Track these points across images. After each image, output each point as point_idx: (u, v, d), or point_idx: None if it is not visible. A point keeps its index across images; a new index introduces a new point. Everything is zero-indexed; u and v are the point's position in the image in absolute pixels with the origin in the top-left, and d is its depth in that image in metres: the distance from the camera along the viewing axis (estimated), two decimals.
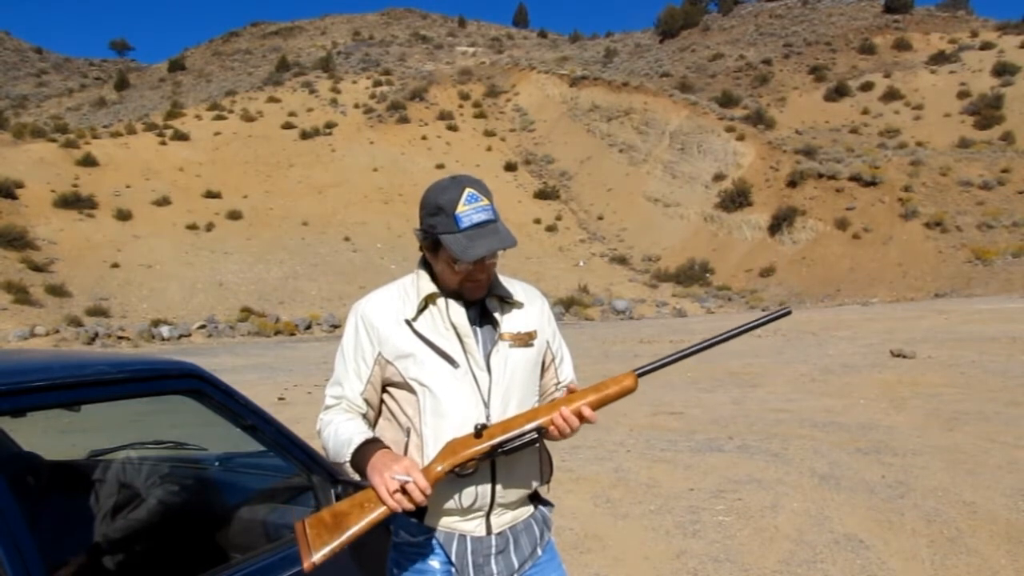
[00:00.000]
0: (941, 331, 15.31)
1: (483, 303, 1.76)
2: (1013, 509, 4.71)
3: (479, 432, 1.61)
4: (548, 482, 1.87)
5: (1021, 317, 17.24)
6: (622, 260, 39.95)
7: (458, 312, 1.72)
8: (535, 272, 34.94)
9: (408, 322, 1.72)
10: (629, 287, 35.07)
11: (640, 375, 1.72)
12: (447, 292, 1.75)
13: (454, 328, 1.70)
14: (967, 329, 15.46)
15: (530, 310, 1.82)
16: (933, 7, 71.13)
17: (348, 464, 1.65)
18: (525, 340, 1.77)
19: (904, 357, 11.68)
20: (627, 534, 4.54)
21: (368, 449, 1.62)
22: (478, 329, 1.75)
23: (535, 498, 1.84)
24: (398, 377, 1.71)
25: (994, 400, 8.28)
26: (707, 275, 37.04)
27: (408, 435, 1.71)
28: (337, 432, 1.69)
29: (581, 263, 38.82)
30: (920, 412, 7.86)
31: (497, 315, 1.76)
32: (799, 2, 76.46)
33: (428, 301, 1.73)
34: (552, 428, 1.64)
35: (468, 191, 1.65)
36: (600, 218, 45.39)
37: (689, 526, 4.61)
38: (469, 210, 1.64)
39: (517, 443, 1.63)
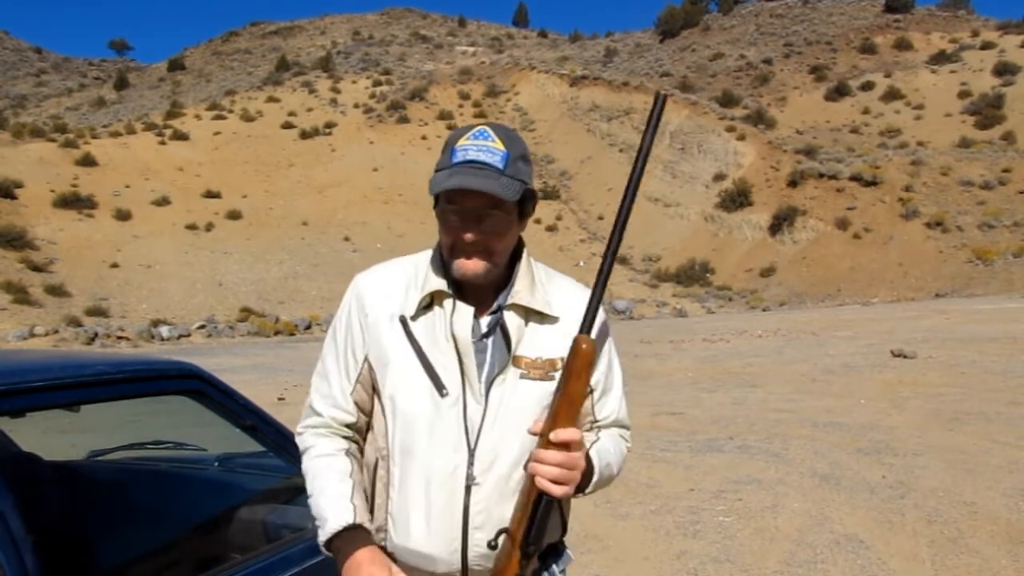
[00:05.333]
0: (942, 331, 15.30)
1: (501, 313, 1.37)
2: (1014, 509, 4.70)
3: (494, 543, 1.29)
4: (563, 535, 1.46)
5: (1022, 317, 17.24)
6: (622, 260, 39.94)
7: (463, 319, 1.35)
8: None
9: (404, 320, 1.37)
10: (629, 287, 35.07)
11: (586, 332, 1.30)
12: (458, 291, 1.39)
13: (455, 341, 1.34)
14: (968, 329, 15.46)
15: (565, 327, 1.37)
16: (934, 7, 71.18)
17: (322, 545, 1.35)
18: (545, 370, 1.35)
19: (905, 357, 11.67)
20: (627, 534, 4.54)
21: (344, 544, 1.31)
22: (488, 345, 1.37)
23: (544, 553, 1.40)
24: (378, 387, 1.40)
25: (995, 400, 8.28)
26: (707, 275, 37.05)
27: (377, 464, 1.40)
28: (314, 483, 1.38)
29: (581, 263, 38.82)
30: (921, 412, 7.86)
31: (515, 330, 1.36)
32: (799, 2, 76.46)
33: (434, 299, 1.38)
34: (542, 483, 1.25)
35: (481, 128, 1.35)
36: (600, 218, 45.39)
37: (689, 526, 4.60)
38: (468, 144, 1.33)
39: (545, 525, 1.28)
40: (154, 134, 49.10)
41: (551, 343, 1.37)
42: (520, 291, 1.38)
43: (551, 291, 1.43)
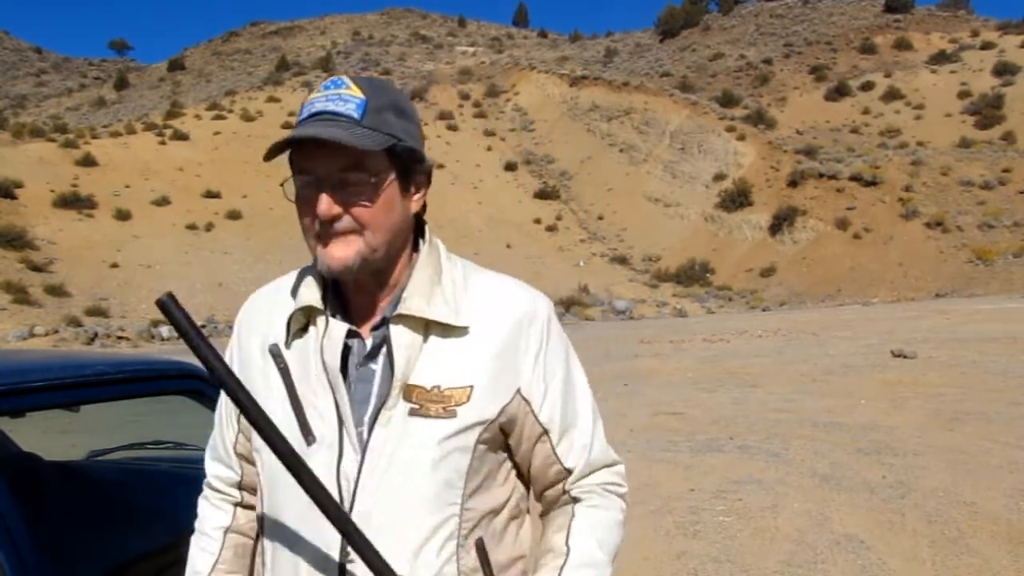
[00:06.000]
0: (942, 331, 15.30)
1: (387, 327, 1.05)
2: (1014, 509, 4.70)
3: None
4: None
5: (1022, 317, 17.23)
6: (622, 260, 39.96)
7: (334, 340, 1.04)
8: (535, 272, 34.92)
9: (274, 350, 1.09)
10: (629, 287, 35.07)
11: None
12: (341, 303, 1.09)
13: (325, 370, 1.04)
14: (968, 329, 15.45)
15: (482, 344, 1.05)
16: (934, 7, 71.28)
17: None
18: (444, 404, 1.02)
19: (905, 357, 11.66)
20: (627, 534, 4.53)
21: None
22: (376, 372, 1.05)
23: None
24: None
25: (995, 400, 8.27)
26: (707, 275, 37.06)
27: (257, 537, 1.17)
28: (190, 562, 1.20)
29: (581, 263, 38.81)
30: (921, 412, 7.85)
31: (404, 350, 1.03)
32: (800, 2, 76.51)
33: (308, 318, 1.08)
34: None
35: (337, 77, 1.06)
36: (600, 218, 45.40)
37: (690, 527, 4.60)
38: (317, 97, 1.03)
39: None
40: (154, 134, 49.11)
41: (456, 366, 1.03)
42: (412, 296, 1.04)
43: (466, 294, 1.08)
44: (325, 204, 1.00)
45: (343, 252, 1.01)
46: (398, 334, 1.03)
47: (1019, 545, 4.16)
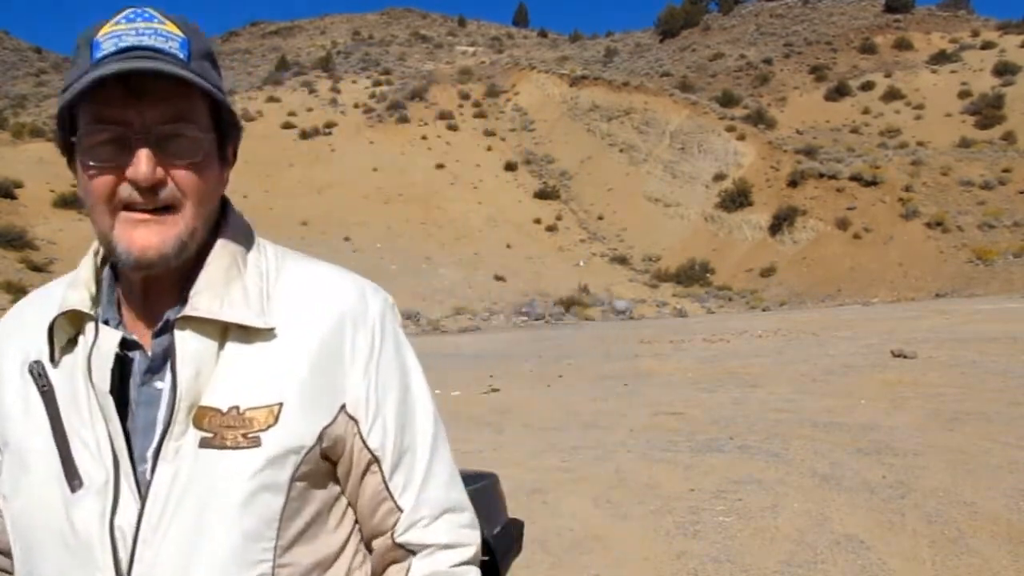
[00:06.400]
0: (942, 331, 15.29)
1: (172, 334, 0.81)
2: (1014, 509, 4.70)
3: None
4: None
5: (1022, 317, 17.23)
6: (622, 260, 39.96)
7: (104, 353, 0.81)
8: (535, 272, 34.93)
9: (36, 370, 0.86)
10: (629, 287, 35.07)
11: None
12: (114, 306, 0.87)
13: (95, 392, 0.81)
14: (968, 329, 15.45)
15: (294, 350, 0.83)
16: (934, 6, 71.29)
17: None
18: (245, 430, 0.80)
19: (905, 357, 11.65)
20: (628, 534, 4.53)
21: None
22: (163, 392, 0.81)
23: None
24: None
25: (995, 400, 8.27)
26: (707, 275, 37.05)
27: None
28: None
29: (581, 263, 38.80)
30: (921, 412, 7.85)
31: (191, 363, 0.80)
32: (800, 1, 76.51)
33: (77, 326, 0.86)
34: None
35: (138, 9, 0.80)
36: (600, 218, 45.39)
37: (690, 527, 4.60)
38: (121, 30, 0.78)
39: None
40: None
41: (260, 380, 0.81)
42: (201, 292, 0.82)
43: (276, 286, 0.86)
44: (147, 164, 0.77)
45: (159, 233, 0.79)
46: (185, 340, 0.80)
47: (1019, 545, 4.16)
